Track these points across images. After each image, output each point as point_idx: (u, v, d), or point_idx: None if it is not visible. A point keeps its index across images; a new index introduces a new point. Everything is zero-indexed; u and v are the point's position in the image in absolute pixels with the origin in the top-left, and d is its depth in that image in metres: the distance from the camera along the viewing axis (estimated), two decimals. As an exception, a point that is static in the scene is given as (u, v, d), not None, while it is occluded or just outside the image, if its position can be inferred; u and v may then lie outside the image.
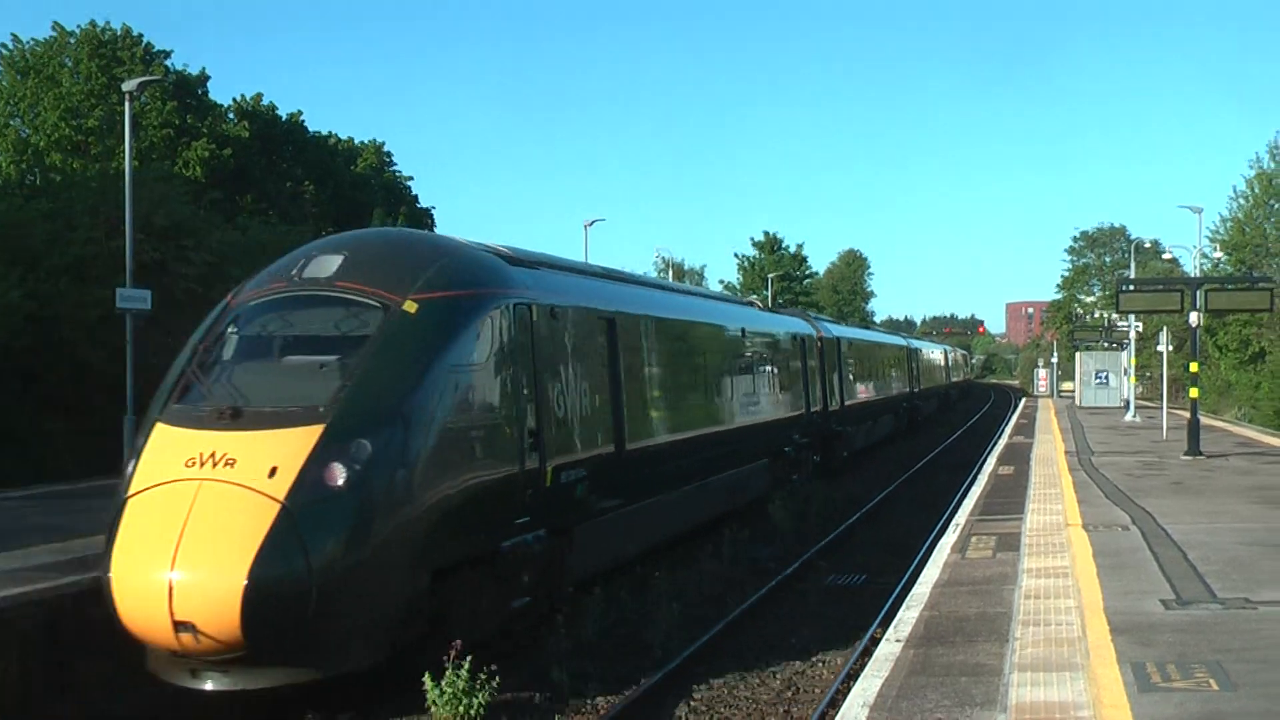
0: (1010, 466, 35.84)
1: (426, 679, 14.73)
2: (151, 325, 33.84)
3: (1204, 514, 22.95)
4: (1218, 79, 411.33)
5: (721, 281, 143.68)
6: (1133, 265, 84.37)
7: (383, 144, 74.69)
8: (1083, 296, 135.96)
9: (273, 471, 14.11)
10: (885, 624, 17.28)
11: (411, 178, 75.92)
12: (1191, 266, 54.75)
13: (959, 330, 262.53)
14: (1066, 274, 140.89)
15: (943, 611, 15.28)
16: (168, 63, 57.36)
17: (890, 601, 21.33)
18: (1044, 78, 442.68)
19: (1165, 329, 54.89)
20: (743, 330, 33.45)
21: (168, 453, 14.73)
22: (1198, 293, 35.67)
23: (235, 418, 14.82)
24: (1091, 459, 36.36)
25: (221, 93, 66.88)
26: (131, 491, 14.60)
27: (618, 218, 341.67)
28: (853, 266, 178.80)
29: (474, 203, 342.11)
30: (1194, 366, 37.44)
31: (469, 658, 14.79)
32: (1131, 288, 40.06)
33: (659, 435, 24.64)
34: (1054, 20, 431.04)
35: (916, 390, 75.75)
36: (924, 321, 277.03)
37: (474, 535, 16.52)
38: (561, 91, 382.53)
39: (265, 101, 64.00)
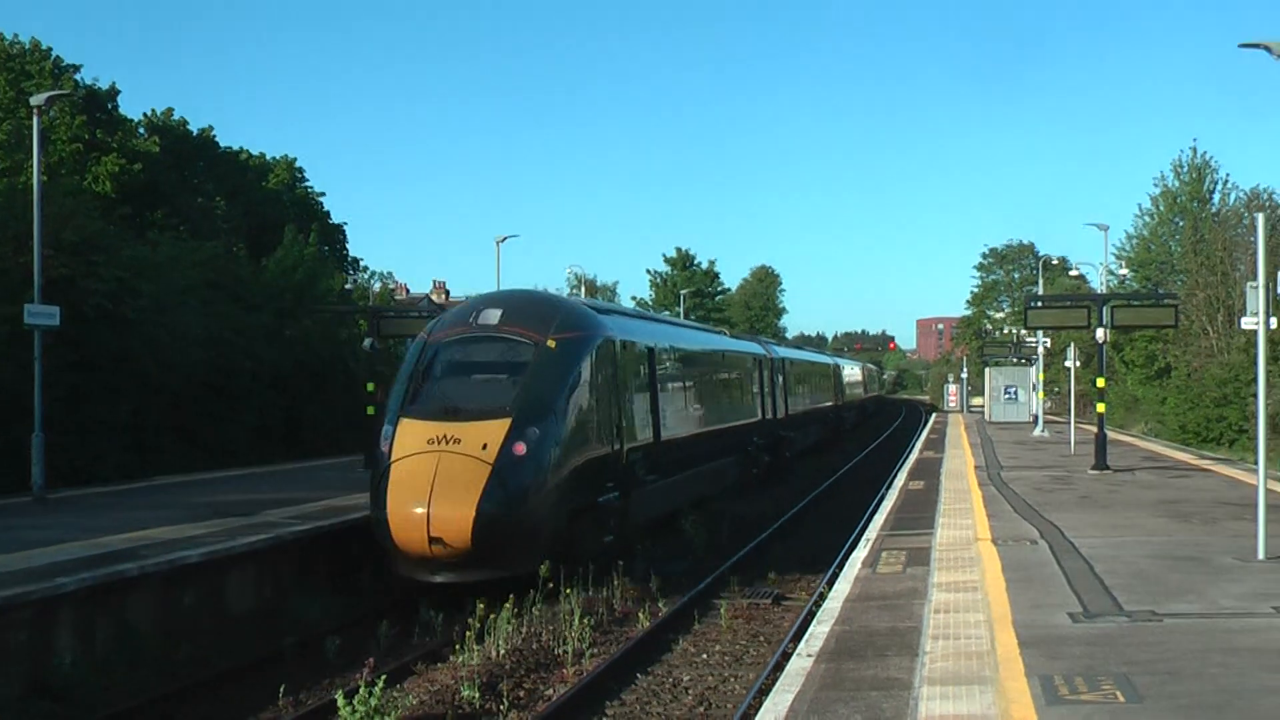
0: (921, 481, 36.06)
1: (339, 698, 14.71)
2: (61, 341, 33.46)
3: (1111, 528, 23.18)
4: (1124, 99, 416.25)
5: (634, 298, 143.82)
6: (1041, 282, 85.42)
7: (294, 160, 74.27)
8: (992, 312, 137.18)
9: (484, 446, 22.36)
10: (797, 639, 17.33)
11: (324, 194, 75.49)
12: (1098, 283, 55.37)
13: (870, 346, 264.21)
14: (976, 290, 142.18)
15: (854, 626, 15.35)
16: (77, 77, 56.70)
17: (802, 616, 21.40)
18: (953, 97, 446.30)
19: (1073, 345, 55.55)
20: (723, 354, 43.09)
21: (412, 435, 22.83)
22: (1104, 309, 36.04)
23: (455, 414, 22.90)
24: (1001, 474, 36.65)
25: (132, 107, 66.22)
26: (393, 459, 22.73)
27: (531, 233, 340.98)
28: (765, 283, 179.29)
29: (386, 219, 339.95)
30: (1101, 382, 37.82)
31: (382, 676, 14.80)
32: (1040, 304, 40.42)
33: (679, 431, 33.38)
34: (952, 43, 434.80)
35: (841, 403, 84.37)
36: (836, 337, 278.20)
37: (589, 491, 24.92)
38: (473, 108, 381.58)
39: (176, 116, 63.50)
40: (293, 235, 55.33)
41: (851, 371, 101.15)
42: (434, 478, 22.12)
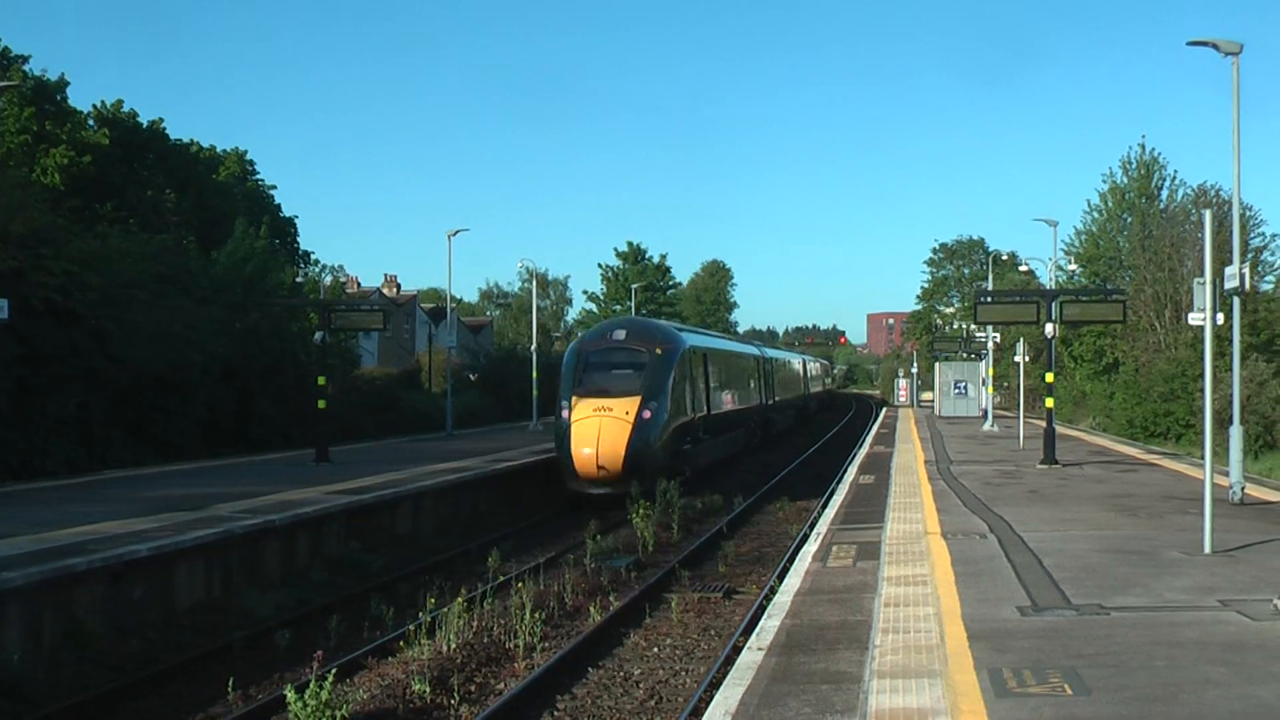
0: (871, 476, 36.20)
1: (288, 692, 14.68)
2: (9, 334, 33.23)
3: (1059, 522, 23.32)
4: (1074, 96, 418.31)
5: (585, 292, 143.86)
6: (990, 277, 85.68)
7: (245, 152, 73.95)
8: (942, 308, 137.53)
9: (626, 413, 36.92)
10: (748, 632, 17.37)
11: (275, 187, 75.21)
12: (1047, 279, 55.59)
13: (821, 341, 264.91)
14: (926, 285, 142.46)
15: (804, 620, 15.41)
16: (26, 68, 56.21)
17: (753, 610, 21.45)
18: (904, 92, 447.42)
19: (1022, 340, 55.68)
20: (739, 355, 60.06)
21: (582, 406, 37.34)
22: (1053, 304, 36.22)
23: (606, 393, 37.62)
24: (950, 468, 36.81)
25: (81, 99, 65.72)
26: (572, 421, 37.26)
27: (482, 227, 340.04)
28: (716, 277, 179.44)
29: (337, 212, 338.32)
30: (1050, 377, 38.00)
31: (332, 670, 14.75)
32: (989, 299, 40.56)
33: (719, 409, 48.89)
34: (910, 37, 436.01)
35: (808, 393, 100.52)
36: (786, 332, 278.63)
37: (679, 442, 40.06)
38: (425, 101, 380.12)
39: (126, 109, 63.04)
40: (243, 228, 55.04)
41: (813, 366, 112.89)
42: (599, 431, 37.40)
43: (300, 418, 49.10)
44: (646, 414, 37.96)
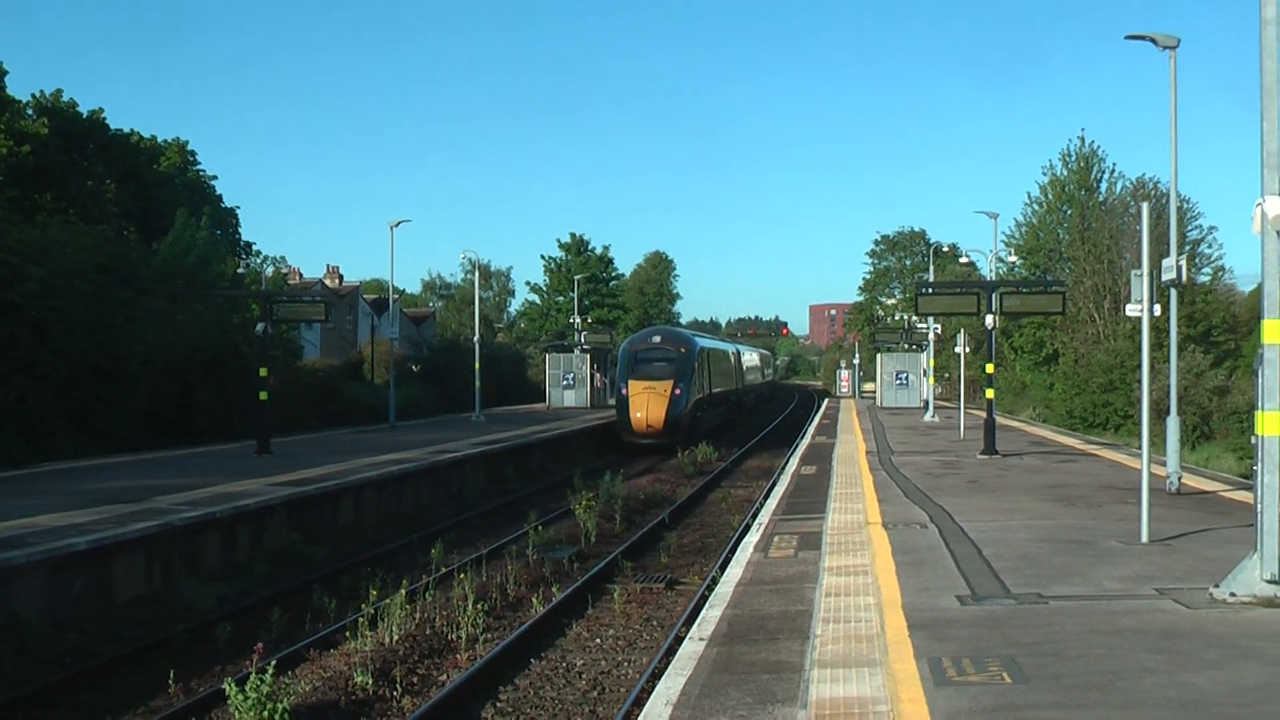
0: (813, 466, 36.31)
1: (228, 685, 14.63)
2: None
3: (999, 512, 23.45)
4: (1014, 89, 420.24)
5: (528, 283, 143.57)
6: (931, 269, 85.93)
7: (186, 142, 73.43)
8: (884, 299, 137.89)
9: (664, 391, 56.42)
10: (690, 623, 17.41)
11: (216, 177, 74.69)
12: (988, 270, 55.75)
13: (764, 332, 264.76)
14: (868, 277, 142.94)
15: (745, 610, 15.45)
16: (-38, 57, 55.73)
17: (695, 600, 21.50)
18: (845, 83, 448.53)
19: (963, 331, 55.99)
20: (723, 350, 78.69)
21: (635, 387, 56.46)
22: (993, 296, 36.41)
23: (651, 378, 56.77)
24: (892, 458, 36.94)
25: (20, 88, 65.12)
26: (630, 395, 56.32)
27: (425, 218, 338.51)
28: (659, 269, 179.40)
29: (279, 203, 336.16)
30: (990, 368, 38.22)
31: (273, 662, 14.71)
32: (930, 291, 40.74)
33: (715, 390, 66.10)
34: (855, 27, 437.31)
35: (764, 380, 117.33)
36: (729, 323, 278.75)
37: (696, 411, 59.41)
38: (366, 92, 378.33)
39: (65, 98, 62.51)
40: (184, 219, 54.74)
41: (766, 357, 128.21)
42: (648, 402, 55.67)
43: (242, 409, 48.84)
44: (677, 391, 57.25)
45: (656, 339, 60.58)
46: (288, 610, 21.23)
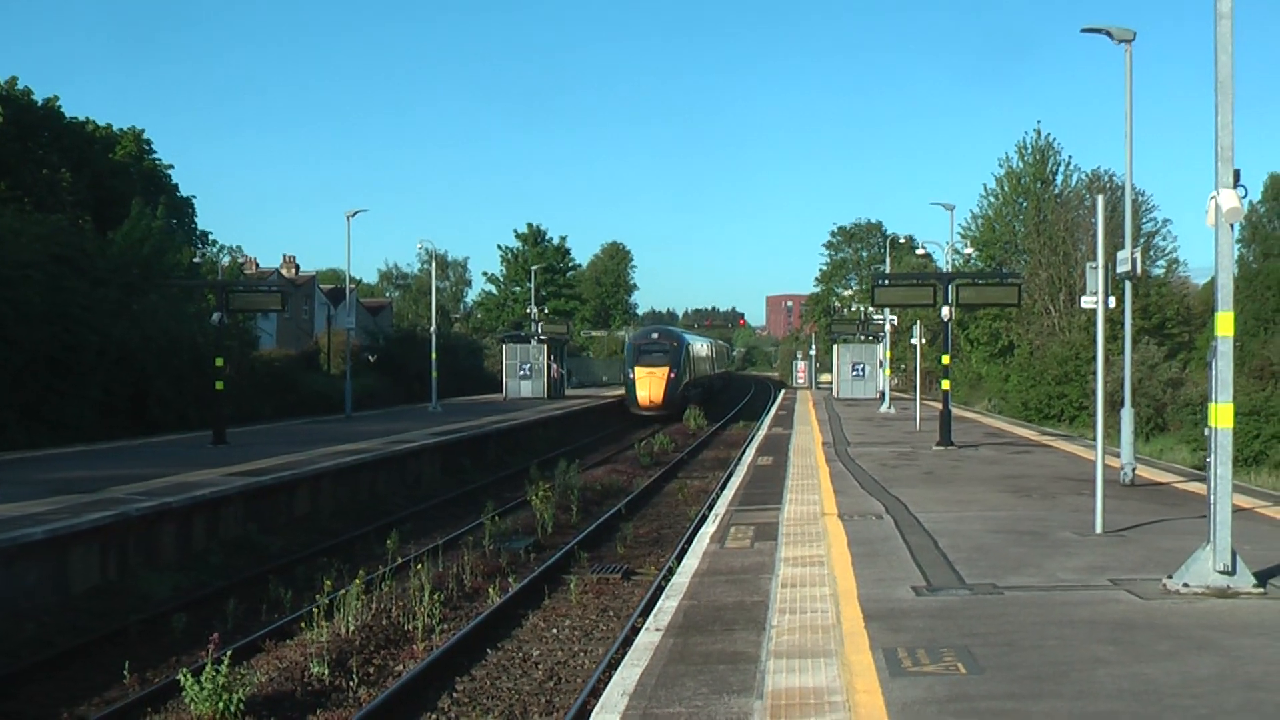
0: (769, 457, 36.38)
1: (183, 676, 14.60)
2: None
3: (954, 503, 23.54)
4: (971, 82, 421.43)
5: (485, 274, 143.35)
6: (888, 260, 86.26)
7: (142, 131, 72.98)
8: (840, 290, 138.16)
9: (662, 374, 74.36)
10: (646, 613, 17.43)
11: (172, 166, 74.26)
12: (944, 262, 55.94)
13: (720, 323, 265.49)
14: (825, 268, 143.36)
15: (702, 601, 15.47)
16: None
17: (651, 591, 21.53)
18: (804, 75, 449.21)
19: (919, 322, 56.05)
20: (702, 343, 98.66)
21: (640, 371, 74.72)
22: (949, 287, 36.54)
23: (652, 364, 74.64)
24: (848, 450, 37.05)
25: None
26: (636, 379, 74.60)
27: (382, 207, 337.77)
28: (616, 259, 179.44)
29: (235, 192, 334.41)
30: (946, 359, 38.32)
31: (228, 653, 14.68)
32: (887, 282, 40.98)
33: (697, 375, 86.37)
34: (811, 19, 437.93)
35: (729, 369, 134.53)
36: (686, 314, 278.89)
37: (687, 392, 78.97)
38: (322, 81, 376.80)
39: (20, 86, 62.03)
40: (140, 208, 54.43)
41: (721, 348, 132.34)
42: (650, 383, 73.27)
43: (198, 399, 48.65)
44: (672, 375, 74.68)
45: (655, 335, 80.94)
46: (244, 601, 21.18)
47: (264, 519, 28.49)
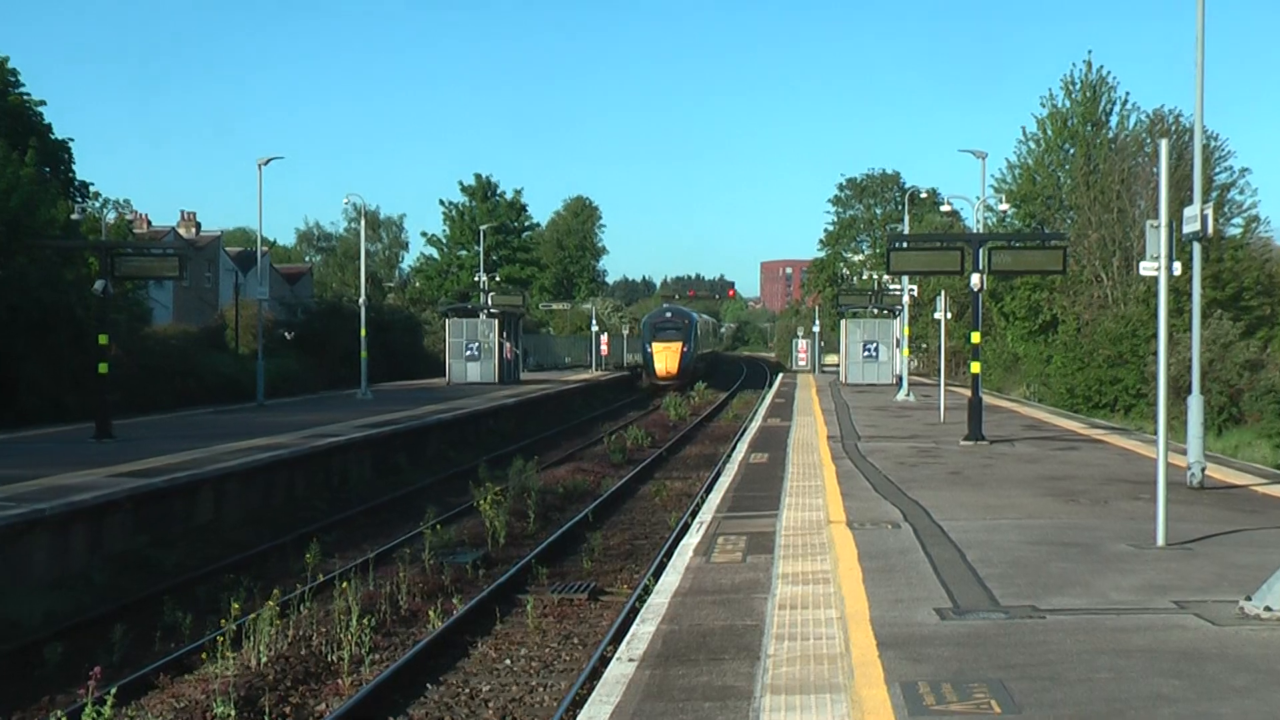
0: (764, 454, 36.39)
1: (56, 718, 14.55)
2: None
3: (985, 509, 23.57)
4: (1005, 4, 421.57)
5: (424, 234, 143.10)
6: (906, 218, 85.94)
7: (6, 59, 72.60)
8: (849, 255, 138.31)
9: (677, 348, 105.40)
10: (617, 640, 17.42)
11: (44, 103, 73.85)
12: (974, 221, 55.97)
13: (706, 294, 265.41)
14: (831, 228, 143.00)
15: (684, 625, 15.46)
16: None
17: (623, 614, 21.52)
18: (805, 6, 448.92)
19: (943, 293, 56.18)
20: (705, 319, 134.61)
21: (658, 346, 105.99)
22: (980, 251, 36.50)
23: (668, 339, 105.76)
24: (858, 445, 37.10)
25: None
26: (654, 353, 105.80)
27: (301, 156, 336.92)
28: (581, 217, 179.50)
29: (123, 136, 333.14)
30: (976, 337, 38.30)
31: (113, 690, 14.60)
32: (905, 245, 40.86)
33: (703, 350, 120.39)
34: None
35: (714, 351, 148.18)
36: (665, 283, 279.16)
37: (696, 364, 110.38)
38: (229, 14, 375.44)
39: None
40: (5, 153, 54.23)
41: (722, 325, 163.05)
42: (666, 356, 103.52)
43: (77, 385, 48.46)
44: (685, 349, 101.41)
45: (669, 314, 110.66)
46: (133, 627, 21.10)
47: (158, 529, 28.41)
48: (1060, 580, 16.57)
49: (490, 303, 79.20)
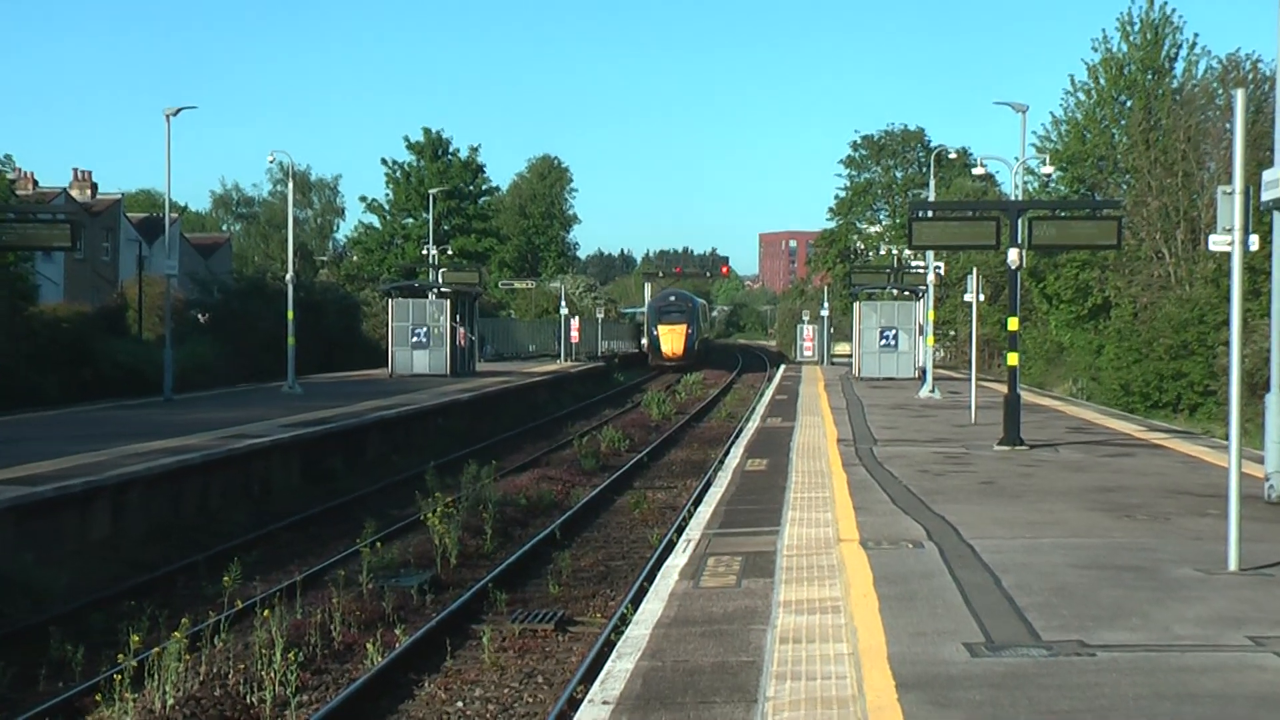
0: (763, 459, 36.46)
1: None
2: None
3: (1024, 526, 23.59)
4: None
5: (364, 199, 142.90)
6: (932, 183, 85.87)
7: None
8: (864, 225, 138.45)
9: (681, 330, 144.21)
10: (589, 679, 17.40)
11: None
12: (1011, 186, 55.98)
13: (695, 271, 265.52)
14: (842, 194, 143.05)
15: (668, 661, 15.46)
16: None
17: (597, 648, 21.50)
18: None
19: (975, 271, 56.17)
20: (707, 305, 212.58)
21: (663, 328, 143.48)
22: (1019, 221, 36.51)
23: (673, 322, 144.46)
24: (874, 449, 37.13)
25: None
26: (660, 335, 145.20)
27: (218, 109, 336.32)
28: (548, 179, 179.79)
29: (4, 81, 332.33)
30: (1013, 323, 38.26)
31: None
32: (930, 214, 40.89)
33: (705, 333, 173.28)
34: None
35: (704, 339, 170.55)
36: (648, 258, 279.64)
37: (698, 344, 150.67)
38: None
39: None
40: None
41: (713, 308, 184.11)
42: (671, 338, 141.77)
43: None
44: (690, 330, 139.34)
45: (673, 298, 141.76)
46: (12, 663, 21.05)
47: (44, 546, 28.36)
48: (1113, 610, 16.56)
49: (441, 280, 79.31)
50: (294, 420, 45.86)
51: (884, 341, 78.32)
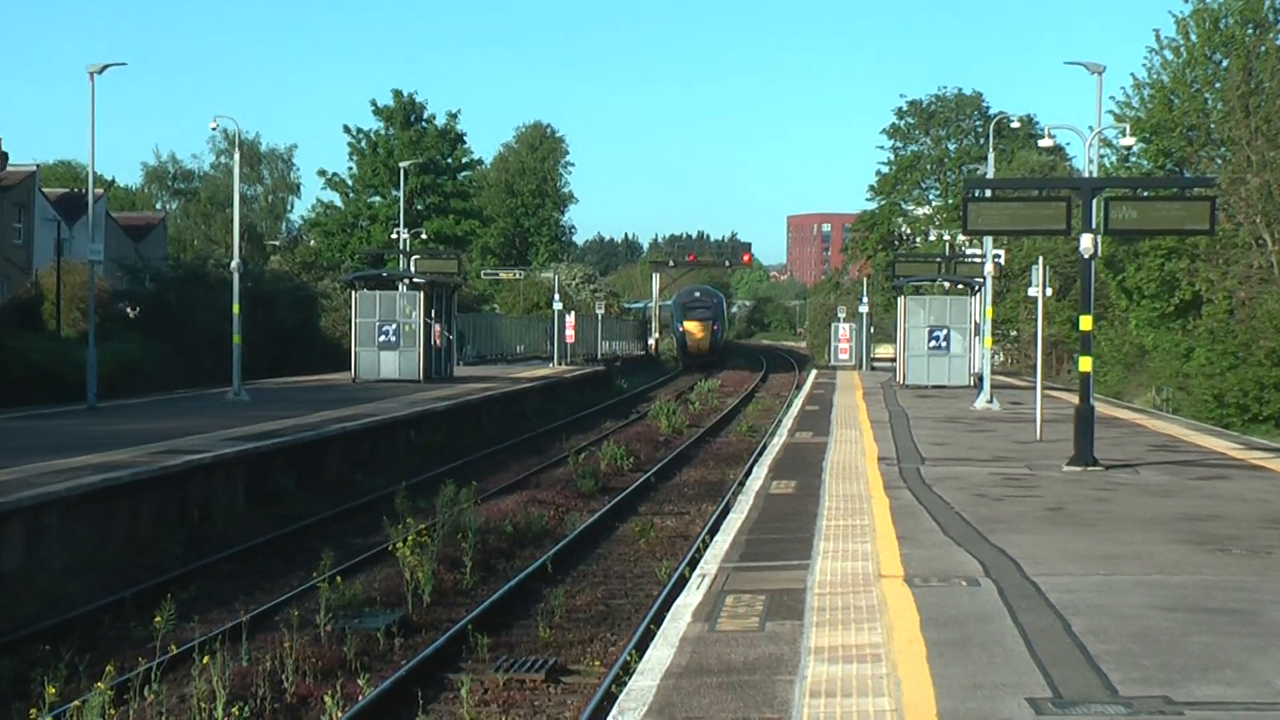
0: (791, 481, 36.44)
1: None
2: None
3: (1098, 559, 23.59)
4: None
5: (322, 172, 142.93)
6: (991, 157, 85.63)
7: None
8: (910, 207, 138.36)
9: (708, 325, 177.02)
10: (586, 739, 17.42)
11: None
12: (1085, 161, 55.98)
13: (711, 260, 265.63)
14: (885, 169, 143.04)
15: (678, 718, 15.46)
16: None
17: (595, 702, 21.51)
18: None
19: (1041, 261, 56.14)
20: (729, 300, 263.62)
21: (689, 324, 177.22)
22: (1094, 202, 36.50)
23: (699, 318, 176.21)
24: (921, 470, 37.15)
25: None
26: (686, 330, 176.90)
27: (149, 68, 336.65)
28: (539, 151, 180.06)
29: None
30: (1086, 322, 38.19)
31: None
32: (988, 193, 40.86)
33: (730, 328, 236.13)
34: None
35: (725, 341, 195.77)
36: (656, 244, 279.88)
37: (724, 339, 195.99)
38: None
39: None
40: None
41: (733, 303, 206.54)
42: (698, 333, 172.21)
43: None
44: (715, 326, 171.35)
45: (698, 294, 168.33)
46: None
47: (-53, 579, 28.42)
48: (1204, 661, 16.55)
49: (413, 269, 79.36)
50: (240, 433, 45.89)
51: (933, 343, 78.21)
